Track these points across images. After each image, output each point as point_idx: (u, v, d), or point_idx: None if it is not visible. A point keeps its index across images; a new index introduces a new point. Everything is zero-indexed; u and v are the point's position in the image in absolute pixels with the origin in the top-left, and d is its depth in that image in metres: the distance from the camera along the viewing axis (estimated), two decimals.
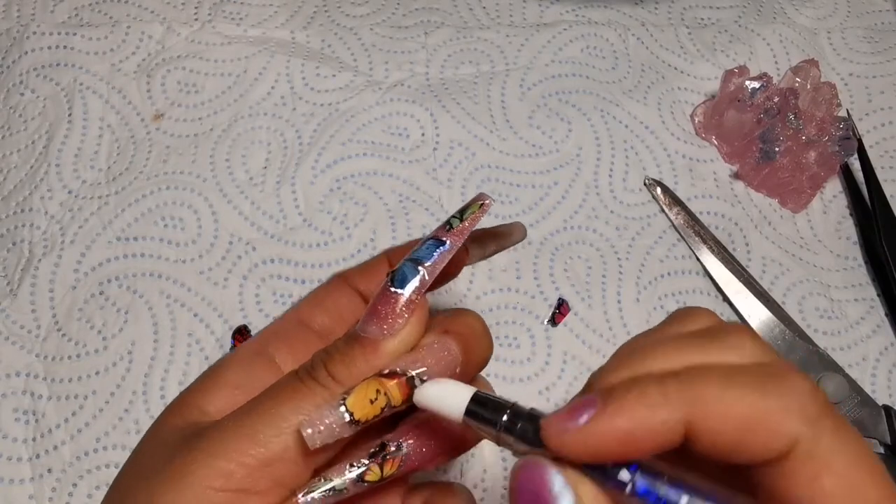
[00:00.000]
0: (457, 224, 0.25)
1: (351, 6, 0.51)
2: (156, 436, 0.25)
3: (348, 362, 0.23)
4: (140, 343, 0.40)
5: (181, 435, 0.23)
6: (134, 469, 0.24)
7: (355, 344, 0.24)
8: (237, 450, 0.22)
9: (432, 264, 0.24)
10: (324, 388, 0.23)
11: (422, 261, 0.24)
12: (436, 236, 0.25)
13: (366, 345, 0.23)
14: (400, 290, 0.24)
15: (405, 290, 0.24)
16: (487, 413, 0.21)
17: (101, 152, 0.45)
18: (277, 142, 0.46)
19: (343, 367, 0.23)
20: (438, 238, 0.25)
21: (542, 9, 0.51)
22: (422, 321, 0.24)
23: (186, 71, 0.47)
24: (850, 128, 0.44)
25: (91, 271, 0.42)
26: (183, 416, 0.25)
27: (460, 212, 0.25)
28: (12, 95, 0.46)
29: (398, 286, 0.24)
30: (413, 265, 0.24)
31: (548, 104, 0.48)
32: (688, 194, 0.45)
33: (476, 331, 0.26)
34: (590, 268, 0.43)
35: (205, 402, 0.25)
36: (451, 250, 0.24)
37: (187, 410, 0.25)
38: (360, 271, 0.30)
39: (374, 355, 0.23)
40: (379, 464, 0.23)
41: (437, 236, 0.25)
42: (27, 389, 0.39)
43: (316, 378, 0.23)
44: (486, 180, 0.45)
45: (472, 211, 0.25)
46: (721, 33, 0.51)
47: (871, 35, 0.51)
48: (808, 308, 0.42)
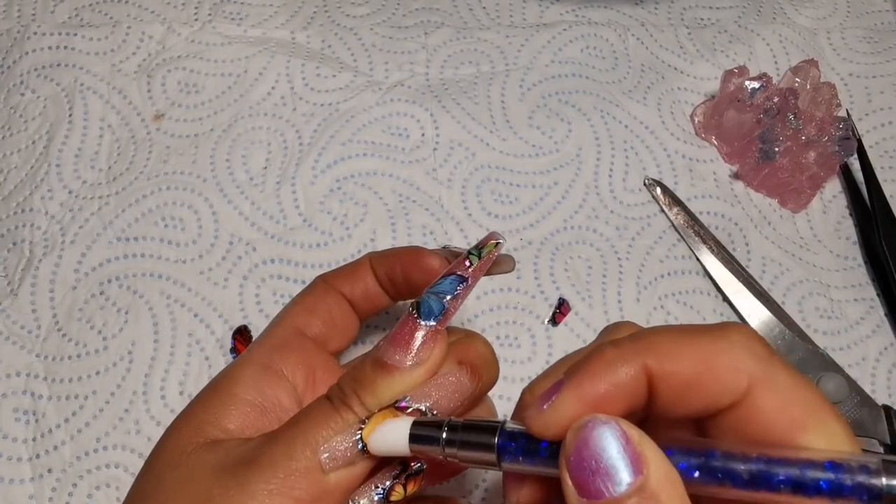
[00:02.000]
0: (475, 262, 0.27)
1: (351, 6, 0.51)
2: (180, 463, 0.25)
3: (377, 391, 0.24)
4: (140, 343, 0.40)
5: (215, 463, 0.24)
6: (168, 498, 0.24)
7: (382, 372, 0.25)
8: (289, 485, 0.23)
9: (455, 298, 0.26)
10: (353, 414, 0.24)
11: (446, 294, 0.25)
12: (457, 272, 0.26)
13: (392, 372, 0.24)
14: (426, 321, 0.25)
15: (431, 322, 0.25)
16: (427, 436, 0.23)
17: (101, 152, 0.45)
18: (277, 142, 0.46)
19: (373, 396, 0.24)
20: (460, 275, 0.26)
21: (542, 9, 0.51)
22: (444, 351, 0.25)
23: (187, 71, 0.47)
24: (850, 128, 0.44)
25: (91, 271, 0.42)
26: (201, 433, 0.25)
27: (477, 249, 0.27)
28: (13, 96, 0.46)
29: (425, 318, 0.25)
30: (438, 298, 0.25)
31: (548, 104, 0.48)
32: (688, 194, 0.45)
33: (486, 359, 0.27)
34: (590, 268, 0.43)
35: (222, 419, 0.26)
36: (472, 286, 0.26)
37: (205, 428, 0.25)
38: (344, 275, 0.31)
39: (400, 384, 0.24)
40: (403, 483, 0.24)
41: (458, 272, 0.26)
42: (27, 389, 0.39)
43: (349, 405, 0.24)
44: (486, 180, 0.45)
45: (489, 250, 0.27)
46: (721, 33, 0.51)
47: (871, 35, 0.51)
48: (807, 308, 0.42)
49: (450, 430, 0.23)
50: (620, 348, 0.21)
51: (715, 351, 0.20)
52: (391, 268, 0.31)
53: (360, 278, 0.31)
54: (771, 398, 0.20)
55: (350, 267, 0.32)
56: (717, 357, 0.20)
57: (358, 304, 0.31)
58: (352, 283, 0.31)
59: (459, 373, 0.25)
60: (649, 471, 0.19)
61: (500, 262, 0.32)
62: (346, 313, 0.31)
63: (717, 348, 0.20)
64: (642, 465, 0.19)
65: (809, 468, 0.18)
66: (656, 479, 0.19)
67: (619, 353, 0.21)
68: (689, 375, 0.20)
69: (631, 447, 0.19)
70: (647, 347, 0.20)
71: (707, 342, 0.20)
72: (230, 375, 0.27)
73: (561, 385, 0.21)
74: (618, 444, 0.19)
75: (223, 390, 0.27)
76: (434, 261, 0.30)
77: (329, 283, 0.31)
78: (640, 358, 0.20)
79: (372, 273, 0.31)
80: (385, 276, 0.31)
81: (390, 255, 0.31)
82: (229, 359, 0.40)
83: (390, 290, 0.32)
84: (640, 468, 0.19)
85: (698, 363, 0.20)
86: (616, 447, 0.19)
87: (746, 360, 0.20)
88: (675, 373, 0.20)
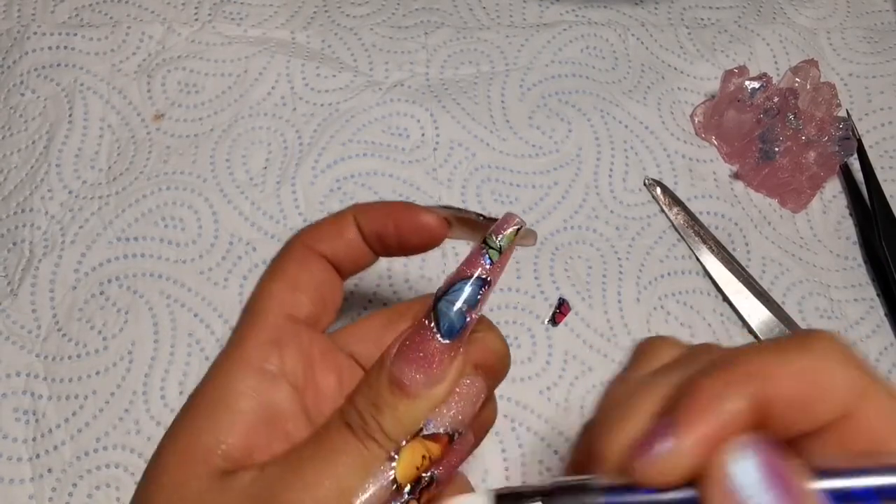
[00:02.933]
0: (496, 257, 0.24)
1: (351, 6, 0.51)
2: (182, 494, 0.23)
3: (399, 417, 0.23)
4: (140, 343, 0.40)
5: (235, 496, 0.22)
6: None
7: (401, 394, 0.23)
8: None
9: (478, 307, 0.23)
10: (377, 444, 0.22)
11: (470, 306, 0.23)
12: (477, 274, 0.23)
13: (412, 395, 0.22)
14: (449, 340, 0.23)
15: (455, 340, 0.23)
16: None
17: (101, 152, 0.45)
18: (277, 142, 0.46)
19: (395, 424, 0.22)
20: (482, 277, 0.23)
21: (542, 9, 0.51)
22: (464, 362, 0.23)
23: (186, 71, 0.47)
24: (850, 128, 0.44)
25: (91, 271, 0.42)
26: (203, 451, 0.23)
27: (494, 238, 0.24)
28: (13, 96, 0.46)
29: (447, 336, 0.23)
30: (460, 312, 0.23)
31: (548, 104, 0.48)
32: (688, 194, 0.45)
33: (502, 356, 0.25)
34: (590, 267, 0.43)
35: (225, 435, 0.23)
36: (494, 287, 0.24)
37: (213, 460, 0.23)
38: (326, 233, 0.28)
39: (421, 405, 0.23)
40: (417, 498, 0.23)
41: (478, 274, 0.23)
42: (27, 389, 0.39)
43: (371, 436, 0.22)
44: (486, 180, 0.45)
45: (509, 240, 0.24)
46: (721, 33, 0.51)
47: (871, 35, 0.51)
48: (807, 308, 0.42)
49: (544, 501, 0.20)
50: (718, 378, 0.19)
51: (816, 367, 0.19)
52: (382, 225, 0.27)
53: (344, 235, 0.28)
54: (875, 407, 0.19)
55: (331, 223, 0.28)
56: (820, 373, 0.19)
57: (341, 264, 0.28)
58: (335, 242, 0.28)
59: (478, 378, 0.24)
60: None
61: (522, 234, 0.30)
62: (333, 281, 0.28)
63: (817, 364, 0.19)
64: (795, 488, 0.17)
65: None
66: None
67: (722, 384, 0.19)
68: (794, 395, 0.19)
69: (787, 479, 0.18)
70: (747, 372, 0.19)
71: (806, 358, 0.19)
72: (226, 386, 0.25)
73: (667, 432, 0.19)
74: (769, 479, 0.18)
75: (221, 405, 0.24)
76: (432, 219, 0.27)
77: (309, 245, 0.28)
78: (743, 385, 0.19)
79: (356, 228, 0.28)
80: (373, 233, 0.28)
81: (380, 211, 0.28)
82: None
83: (377, 247, 0.28)
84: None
85: (801, 382, 0.19)
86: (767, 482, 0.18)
87: (847, 372, 0.19)
88: (781, 395, 0.19)
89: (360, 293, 0.42)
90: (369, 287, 0.42)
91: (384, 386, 0.23)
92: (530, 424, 0.39)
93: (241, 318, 0.27)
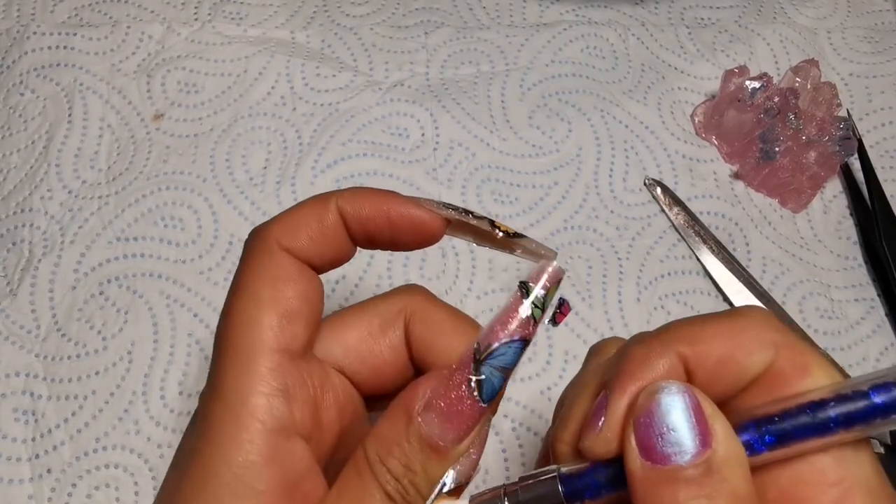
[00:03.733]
0: (539, 315, 0.23)
1: (351, 6, 0.51)
2: None
3: (430, 475, 0.22)
4: (140, 343, 0.40)
5: None
6: None
7: (435, 455, 0.22)
8: None
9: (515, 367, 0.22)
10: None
11: (508, 368, 0.22)
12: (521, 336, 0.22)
13: (441, 453, 0.22)
14: (486, 403, 0.22)
15: (491, 402, 0.22)
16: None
17: (101, 152, 0.45)
18: (277, 142, 0.46)
19: (427, 483, 0.22)
20: (525, 339, 0.22)
21: (542, 9, 0.51)
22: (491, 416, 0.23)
23: (186, 71, 0.47)
24: (850, 128, 0.44)
25: (91, 271, 0.42)
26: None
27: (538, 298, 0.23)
28: (12, 95, 0.46)
29: (486, 399, 0.22)
30: (501, 375, 0.22)
31: (548, 104, 0.48)
32: (688, 194, 0.45)
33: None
34: (590, 267, 0.43)
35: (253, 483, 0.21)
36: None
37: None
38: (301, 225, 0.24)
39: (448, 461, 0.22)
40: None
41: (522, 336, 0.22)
42: (27, 389, 0.39)
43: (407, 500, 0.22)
44: (486, 180, 0.45)
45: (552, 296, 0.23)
46: (721, 33, 0.51)
47: (872, 35, 0.51)
48: (808, 308, 0.42)
49: (508, 497, 0.22)
50: (647, 344, 0.21)
51: (740, 328, 0.21)
52: (372, 215, 0.24)
53: (324, 225, 0.24)
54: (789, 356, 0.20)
55: (309, 212, 0.24)
56: (744, 332, 0.20)
57: (319, 261, 0.24)
58: (315, 237, 0.24)
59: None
60: (718, 445, 0.19)
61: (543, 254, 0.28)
62: (317, 289, 0.24)
63: (740, 325, 0.21)
64: (711, 439, 0.19)
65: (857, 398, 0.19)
66: (724, 455, 0.19)
67: (649, 348, 0.21)
68: (720, 354, 0.20)
69: (703, 419, 0.19)
70: (676, 337, 0.21)
71: (730, 322, 0.21)
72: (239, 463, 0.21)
73: (604, 403, 0.20)
74: (689, 414, 0.19)
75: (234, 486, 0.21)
76: (429, 217, 0.24)
77: (287, 246, 0.24)
78: (671, 347, 0.20)
79: (339, 216, 0.24)
80: (360, 224, 0.24)
81: (371, 199, 0.24)
82: None
83: (361, 239, 0.25)
84: (708, 442, 0.19)
85: (727, 341, 0.20)
86: (687, 416, 0.19)
87: (770, 333, 0.20)
88: (707, 354, 0.20)
89: (360, 294, 0.42)
90: (369, 287, 0.42)
91: (416, 448, 0.22)
92: (531, 424, 0.39)
93: (227, 356, 0.23)
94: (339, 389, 0.25)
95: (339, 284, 0.42)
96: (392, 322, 0.26)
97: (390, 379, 0.26)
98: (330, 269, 0.25)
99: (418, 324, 0.25)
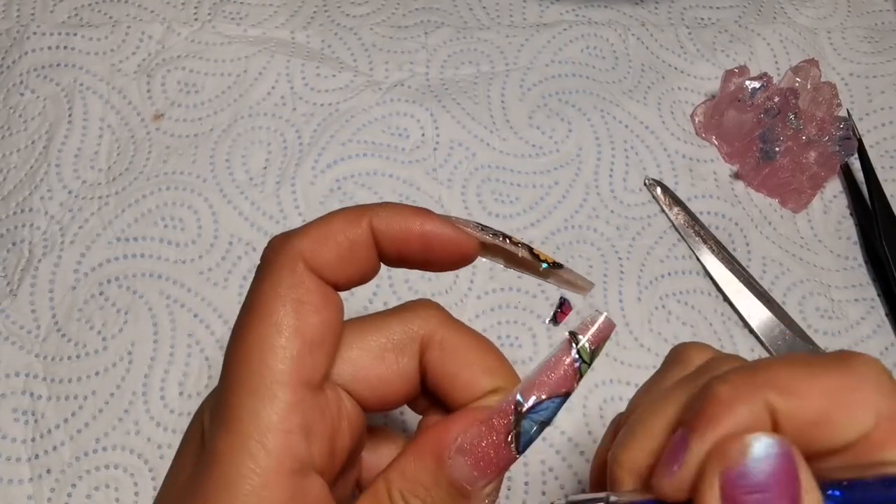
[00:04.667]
0: (586, 371, 0.22)
1: (351, 6, 0.51)
2: None
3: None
4: (140, 343, 0.40)
5: None
6: None
7: (459, 497, 0.21)
8: None
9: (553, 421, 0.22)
10: None
11: (548, 423, 0.22)
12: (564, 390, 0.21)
13: (467, 495, 0.21)
14: (520, 454, 0.21)
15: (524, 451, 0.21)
16: None
17: (101, 152, 0.45)
18: (277, 142, 0.46)
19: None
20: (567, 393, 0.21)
21: (542, 9, 0.51)
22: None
23: (186, 71, 0.47)
24: (851, 128, 0.44)
25: (91, 271, 0.41)
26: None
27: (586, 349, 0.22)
28: (12, 95, 0.46)
29: (522, 450, 0.21)
30: (540, 429, 0.21)
31: (548, 104, 0.48)
32: (688, 194, 0.45)
33: None
34: (591, 267, 0.43)
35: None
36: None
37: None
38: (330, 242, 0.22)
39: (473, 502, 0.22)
40: None
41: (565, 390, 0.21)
42: (27, 390, 0.39)
43: None
44: (486, 180, 0.45)
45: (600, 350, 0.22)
46: (721, 33, 0.51)
47: (872, 35, 0.51)
48: (808, 308, 0.42)
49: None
50: (735, 386, 0.19)
51: (845, 386, 0.18)
52: (405, 234, 0.23)
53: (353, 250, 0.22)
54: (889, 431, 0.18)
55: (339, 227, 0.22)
56: (849, 394, 0.18)
57: (344, 286, 0.23)
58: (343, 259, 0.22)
59: None
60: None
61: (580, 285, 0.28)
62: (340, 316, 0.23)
63: (846, 383, 0.18)
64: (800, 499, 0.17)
65: None
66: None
67: (736, 391, 0.18)
68: (817, 414, 0.18)
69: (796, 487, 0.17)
70: (767, 382, 0.18)
71: (835, 376, 0.19)
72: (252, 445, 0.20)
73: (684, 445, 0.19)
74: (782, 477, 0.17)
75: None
76: (470, 242, 0.23)
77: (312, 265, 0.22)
78: (761, 394, 0.18)
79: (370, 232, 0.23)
80: (392, 242, 0.23)
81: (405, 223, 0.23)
82: None
83: (392, 257, 0.23)
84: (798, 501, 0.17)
85: (827, 399, 0.18)
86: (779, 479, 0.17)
87: (877, 397, 0.18)
88: (802, 411, 0.18)
89: (361, 293, 0.42)
90: (369, 287, 0.42)
91: (444, 492, 0.21)
92: None
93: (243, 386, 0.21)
94: (352, 415, 0.23)
95: None
96: (406, 348, 0.24)
97: (398, 400, 0.24)
98: (351, 288, 0.23)
99: (437, 351, 0.24)
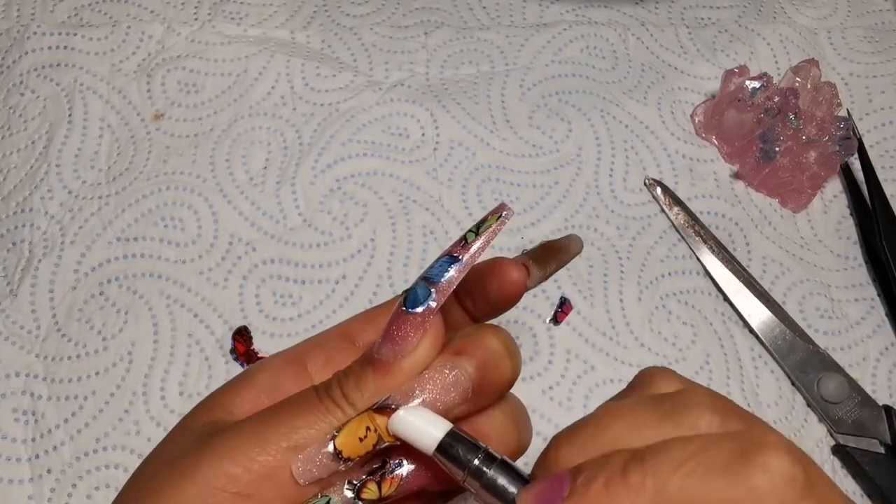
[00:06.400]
0: (472, 238, 0.24)
1: (351, 6, 0.51)
2: (181, 430, 0.24)
3: (361, 385, 0.23)
4: (140, 343, 0.40)
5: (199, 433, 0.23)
6: (152, 460, 0.24)
7: (368, 366, 0.23)
8: (246, 455, 0.22)
9: (446, 282, 0.23)
10: (336, 408, 0.23)
11: (433, 280, 0.23)
12: (449, 252, 0.24)
13: (378, 367, 0.23)
14: (411, 310, 0.23)
15: (416, 310, 0.23)
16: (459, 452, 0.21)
17: (101, 152, 0.45)
18: (277, 142, 0.46)
19: (355, 389, 0.23)
20: (452, 254, 0.23)
21: (542, 9, 0.51)
22: (435, 342, 0.23)
23: (186, 71, 0.47)
24: (851, 127, 0.44)
25: (91, 271, 0.41)
26: (210, 414, 0.24)
27: (477, 225, 0.24)
28: (12, 95, 0.46)
29: (409, 306, 0.23)
30: (425, 284, 0.23)
31: (548, 104, 0.48)
32: (688, 194, 0.45)
33: (494, 351, 0.24)
34: (591, 266, 0.43)
35: (232, 403, 0.24)
36: (466, 267, 0.23)
37: (215, 409, 0.24)
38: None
39: (385, 378, 0.23)
40: (377, 482, 0.23)
41: (450, 252, 0.23)
42: (27, 390, 0.39)
43: (332, 397, 0.23)
44: (486, 180, 0.45)
45: (490, 224, 0.24)
46: (721, 33, 0.51)
47: (872, 35, 0.51)
48: (808, 308, 0.42)
49: (484, 459, 0.21)
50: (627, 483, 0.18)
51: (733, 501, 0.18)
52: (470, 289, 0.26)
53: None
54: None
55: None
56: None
57: None
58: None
59: (455, 366, 0.23)
60: None
61: (567, 244, 0.29)
62: None
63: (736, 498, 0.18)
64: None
65: None
66: None
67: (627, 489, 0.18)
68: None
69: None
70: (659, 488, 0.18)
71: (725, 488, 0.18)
72: (258, 364, 0.25)
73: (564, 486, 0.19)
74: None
75: (244, 376, 0.25)
76: (514, 272, 0.26)
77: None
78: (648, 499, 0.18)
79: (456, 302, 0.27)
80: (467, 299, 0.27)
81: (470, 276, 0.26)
82: (229, 359, 0.40)
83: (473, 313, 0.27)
84: None
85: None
86: None
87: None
88: None
89: (360, 294, 0.42)
90: (369, 287, 0.42)
91: (357, 361, 0.24)
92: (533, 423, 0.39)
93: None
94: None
95: (340, 284, 0.42)
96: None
97: None
98: None
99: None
